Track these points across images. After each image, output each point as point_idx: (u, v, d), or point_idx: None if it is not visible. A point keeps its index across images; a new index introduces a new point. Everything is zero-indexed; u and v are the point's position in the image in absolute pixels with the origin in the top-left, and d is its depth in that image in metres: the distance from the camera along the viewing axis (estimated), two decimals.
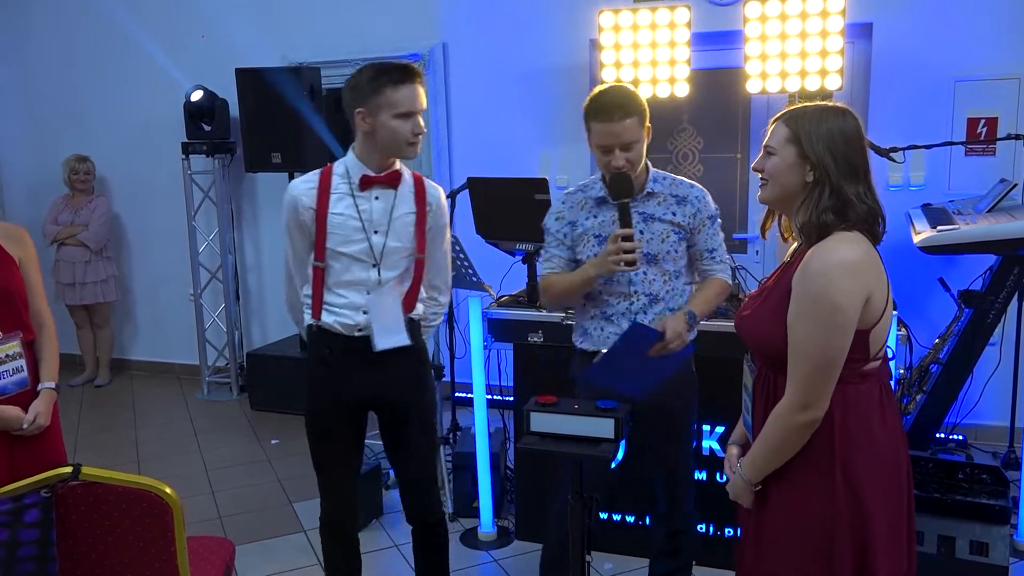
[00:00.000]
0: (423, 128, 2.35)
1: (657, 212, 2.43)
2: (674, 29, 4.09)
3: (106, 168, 5.93)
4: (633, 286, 2.44)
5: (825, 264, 1.67)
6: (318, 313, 2.43)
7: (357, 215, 2.37)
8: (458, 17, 4.99)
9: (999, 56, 4.05)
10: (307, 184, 2.40)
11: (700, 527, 3.16)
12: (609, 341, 2.47)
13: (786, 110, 1.84)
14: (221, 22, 5.45)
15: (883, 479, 1.74)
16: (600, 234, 2.44)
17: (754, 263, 4.58)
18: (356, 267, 2.38)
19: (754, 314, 1.83)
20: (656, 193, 2.44)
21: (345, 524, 2.62)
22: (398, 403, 2.50)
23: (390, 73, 2.29)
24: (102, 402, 5.63)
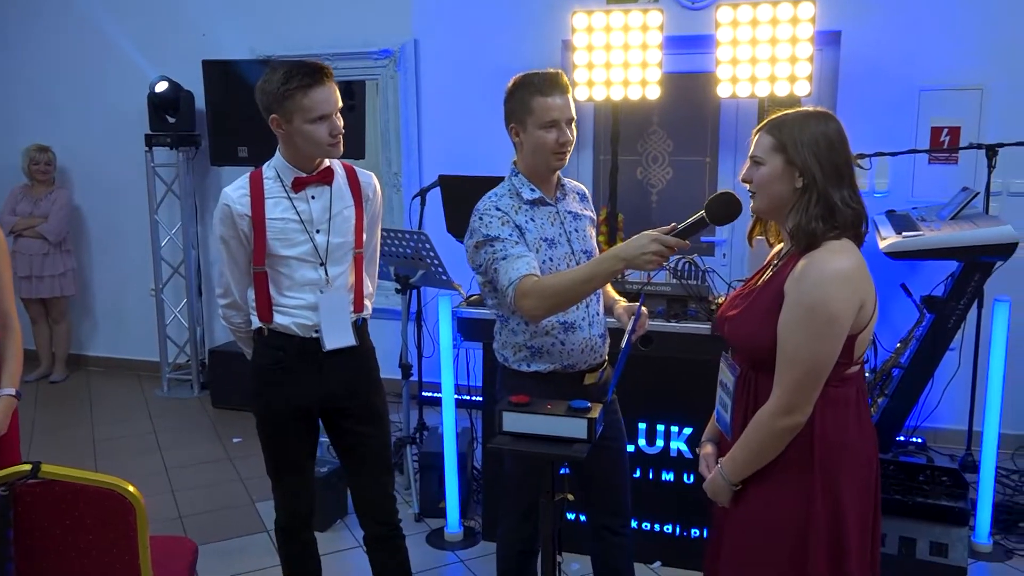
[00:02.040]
0: (340, 128, 2.31)
1: (575, 208, 2.40)
2: (646, 32, 4.10)
3: (67, 159, 5.80)
4: None
5: (821, 275, 1.68)
6: (268, 316, 2.39)
7: (297, 216, 2.34)
8: (430, 14, 4.96)
9: (963, 67, 4.13)
10: (239, 191, 2.35)
11: (667, 527, 3.18)
12: (573, 355, 2.35)
13: (769, 119, 1.84)
14: (189, 13, 5.36)
15: (858, 479, 1.77)
16: (546, 237, 2.30)
17: (721, 266, 4.62)
18: (304, 268, 2.36)
19: (741, 315, 1.84)
20: (568, 191, 2.42)
21: (302, 527, 2.58)
22: (351, 404, 2.48)
23: (299, 77, 2.22)
24: (58, 399, 5.50)
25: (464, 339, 3.35)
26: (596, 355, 2.43)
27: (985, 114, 4.13)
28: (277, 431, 2.47)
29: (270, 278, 2.37)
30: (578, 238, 2.37)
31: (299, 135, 2.28)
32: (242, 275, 2.42)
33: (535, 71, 2.31)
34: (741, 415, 1.84)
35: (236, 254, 2.38)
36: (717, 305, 3.11)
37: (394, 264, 3.74)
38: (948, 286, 3.40)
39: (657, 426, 3.13)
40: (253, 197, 2.33)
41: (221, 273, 2.46)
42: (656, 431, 3.14)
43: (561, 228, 2.34)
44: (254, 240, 2.33)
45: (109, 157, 5.75)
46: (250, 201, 2.33)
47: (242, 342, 2.57)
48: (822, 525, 1.72)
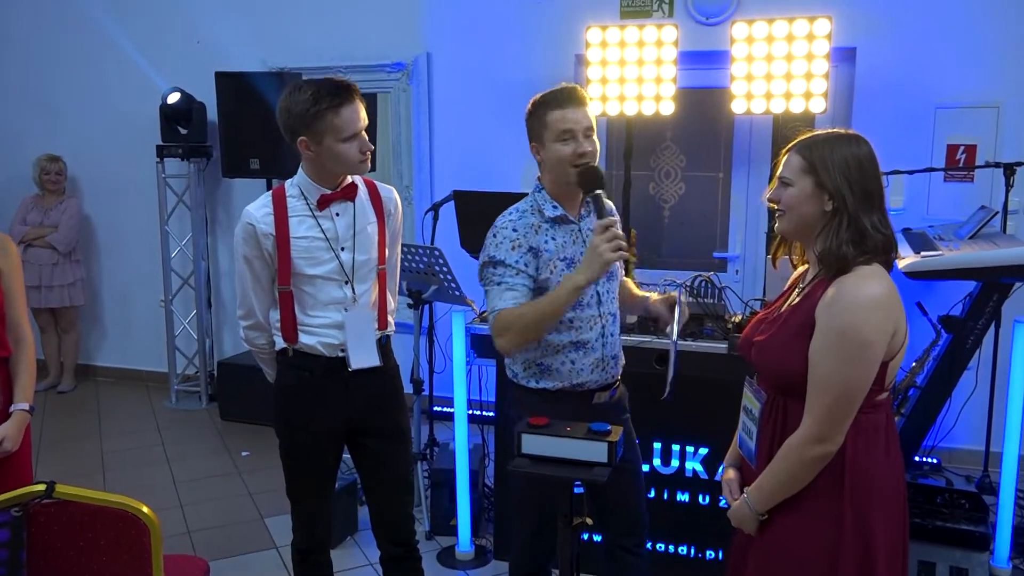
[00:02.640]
0: (369, 144, 2.30)
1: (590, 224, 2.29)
2: (661, 47, 4.08)
3: (78, 169, 5.80)
4: (602, 306, 2.33)
5: (855, 301, 1.66)
6: (294, 336, 2.36)
7: (322, 234, 2.31)
8: (443, 27, 4.96)
9: (979, 84, 4.11)
10: (263, 210, 2.31)
11: (682, 549, 3.14)
12: (583, 374, 2.32)
13: (799, 139, 1.81)
14: (203, 25, 5.37)
15: (888, 507, 1.74)
16: (565, 256, 2.26)
17: (734, 282, 4.59)
18: (330, 286, 2.34)
19: (770, 340, 1.81)
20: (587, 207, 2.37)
21: (319, 549, 2.56)
22: (376, 423, 2.45)
23: (328, 98, 2.20)
24: (66, 409, 5.48)
25: (477, 355, 3.33)
26: (608, 375, 2.40)
27: (1001, 132, 4.11)
28: (302, 453, 2.43)
29: (295, 297, 2.34)
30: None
31: (329, 155, 2.25)
32: (265, 295, 2.38)
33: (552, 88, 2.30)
34: (768, 442, 1.81)
35: (260, 274, 2.34)
36: (734, 324, 3.08)
37: (407, 279, 3.72)
38: (966, 306, 3.37)
39: (672, 446, 3.10)
40: (277, 215, 2.30)
41: (244, 294, 2.39)
42: (671, 451, 3.10)
43: (583, 247, 2.27)
44: (278, 259, 2.30)
45: (120, 167, 5.75)
46: (274, 220, 2.29)
47: (264, 363, 2.53)
48: (851, 555, 1.69)
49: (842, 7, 4.10)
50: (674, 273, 3.66)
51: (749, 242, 4.69)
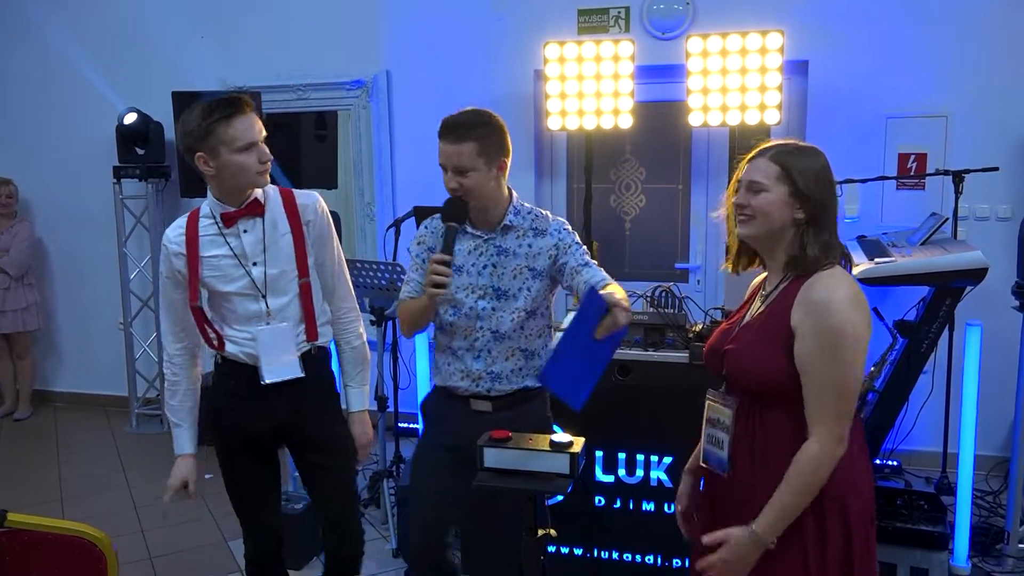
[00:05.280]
0: (268, 155, 2.32)
1: (512, 246, 2.36)
2: (618, 62, 4.14)
3: (31, 191, 5.70)
4: (480, 321, 2.36)
5: (838, 301, 1.69)
6: (222, 345, 2.41)
7: (231, 252, 2.35)
8: (402, 45, 4.97)
9: (928, 95, 4.22)
10: (176, 231, 2.38)
11: (648, 558, 3.15)
12: (454, 379, 2.41)
13: (765, 146, 1.84)
14: (158, 43, 5.32)
15: (864, 508, 1.78)
16: (457, 264, 2.36)
17: (695, 292, 4.64)
18: (245, 301, 2.37)
19: (744, 349, 1.81)
20: (515, 227, 2.37)
21: (272, 561, 2.57)
22: (310, 435, 2.48)
23: (219, 109, 2.24)
24: (22, 437, 5.35)
25: None
26: (479, 387, 2.40)
27: (950, 141, 4.22)
28: (232, 461, 2.50)
29: (219, 313, 2.41)
30: (495, 274, 2.35)
31: (227, 168, 2.26)
32: (176, 314, 2.43)
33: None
34: (747, 451, 1.81)
35: (171, 293, 2.41)
36: (695, 333, 3.11)
37: (369, 296, 3.71)
38: (920, 311, 3.44)
39: (636, 456, 3.11)
40: (188, 236, 2.35)
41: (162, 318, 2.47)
42: (636, 461, 3.11)
43: (477, 260, 2.36)
44: (188, 277, 2.35)
45: (75, 189, 5.66)
46: (185, 240, 2.35)
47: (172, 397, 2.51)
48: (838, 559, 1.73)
49: (794, 21, 4.19)
50: (636, 284, 3.69)
51: (709, 253, 4.75)
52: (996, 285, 3.48)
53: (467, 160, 2.23)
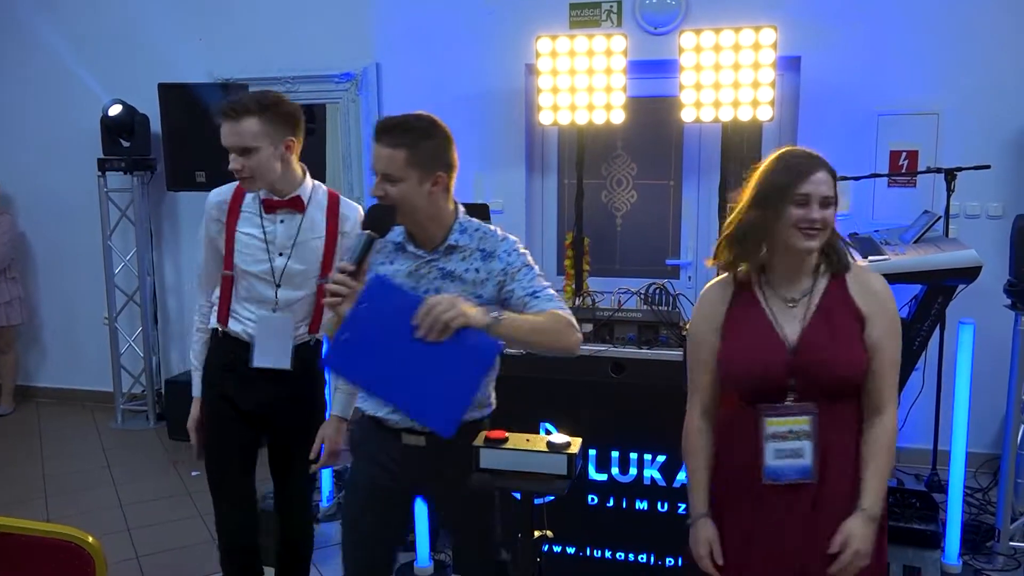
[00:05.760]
0: (240, 164, 2.35)
1: (458, 269, 2.09)
2: (610, 56, 4.11)
3: (14, 184, 5.61)
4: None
5: (889, 289, 1.90)
6: (225, 320, 2.51)
7: (263, 237, 2.44)
8: (392, 37, 4.92)
9: (919, 92, 4.22)
10: (220, 197, 2.50)
11: (642, 557, 3.14)
12: (381, 409, 2.14)
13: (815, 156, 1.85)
14: (145, 34, 5.24)
15: None
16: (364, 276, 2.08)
17: (687, 288, 4.62)
18: (260, 285, 2.46)
19: (828, 349, 1.83)
20: (460, 247, 2.11)
21: (247, 549, 2.63)
22: (283, 421, 2.56)
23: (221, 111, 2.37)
24: (5, 432, 5.28)
25: None
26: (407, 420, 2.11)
27: (942, 138, 4.22)
28: (220, 430, 2.55)
29: (234, 285, 2.49)
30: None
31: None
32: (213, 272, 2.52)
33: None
34: (833, 452, 1.85)
35: (207, 251, 2.52)
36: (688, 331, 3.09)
37: None
38: (912, 308, 3.44)
39: (630, 454, 3.09)
40: (231, 207, 2.47)
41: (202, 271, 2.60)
42: (629, 459, 3.10)
43: (418, 282, 2.09)
44: (224, 247, 2.46)
45: (59, 182, 5.57)
46: (227, 210, 2.47)
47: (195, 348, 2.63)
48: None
49: (787, 17, 4.17)
50: (627, 281, 3.67)
51: (701, 249, 4.74)
52: (986, 283, 3.48)
53: (396, 168, 2.00)
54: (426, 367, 1.78)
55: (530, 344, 2.03)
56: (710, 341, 1.94)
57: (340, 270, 1.97)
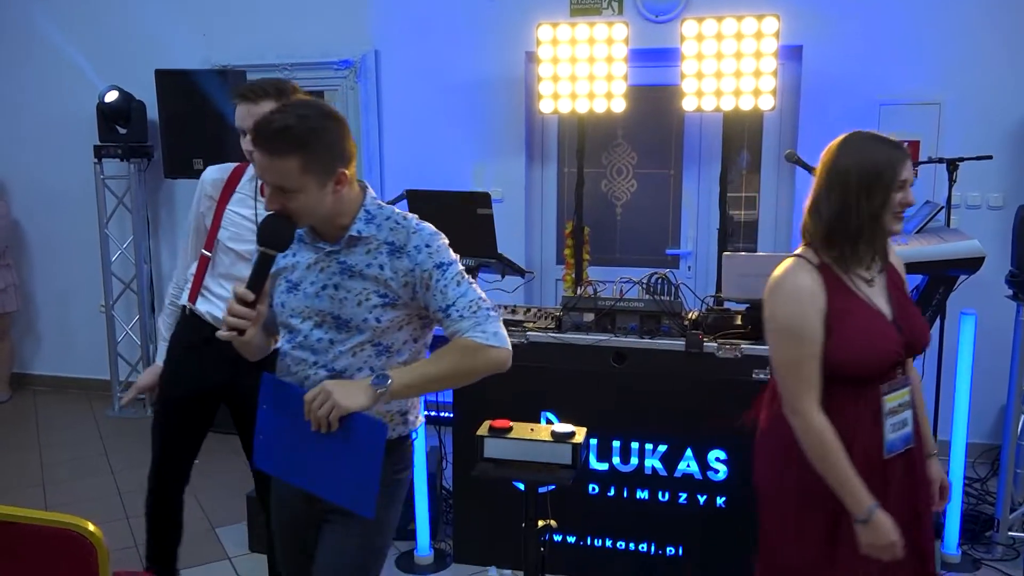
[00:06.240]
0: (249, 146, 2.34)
1: (360, 264, 1.83)
2: (611, 45, 4.09)
3: (8, 171, 5.57)
4: (314, 354, 1.85)
5: None
6: (194, 298, 2.57)
7: (254, 219, 2.45)
8: (391, 24, 4.88)
9: (921, 82, 4.21)
10: (217, 175, 2.54)
11: (642, 546, 3.14)
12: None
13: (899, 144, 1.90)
14: (142, 21, 5.19)
15: None
16: (291, 279, 1.89)
17: (687, 278, 4.62)
18: (241, 264, 2.47)
19: (918, 316, 1.99)
20: (365, 238, 1.83)
21: (173, 495, 2.78)
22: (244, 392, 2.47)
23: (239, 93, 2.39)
24: (2, 420, 5.25)
25: None
26: None
27: (943, 128, 4.21)
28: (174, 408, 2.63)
29: (211, 263, 2.54)
30: (335, 298, 1.83)
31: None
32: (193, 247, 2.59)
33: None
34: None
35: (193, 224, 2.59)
36: (690, 321, 3.09)
37: None
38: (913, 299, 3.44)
39: (631, 444, 3.09)
40: (226, 187, 2.50)
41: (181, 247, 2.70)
42: (630, 449, 3.10)
43: (316, 277, 1.86)
44: (210, 225, 2.51)
45: (54, 169, 5.53)
46: (222, 188, 2.50)
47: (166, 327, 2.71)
48: None
49: (789, 5, 4.15)
50: (627, 270, 3.67)
51: (701, 239, 4.73)
52: (987, 274, 3.48)
53: (290, 180, 1.72)
54: (330, 454, 1.74)
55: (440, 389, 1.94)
56: (820, 333, 1.87)
57: (239, 299, 1.75)
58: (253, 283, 1.77)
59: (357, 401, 1.70)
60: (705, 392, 2.98)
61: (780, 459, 1.95)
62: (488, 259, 3.21)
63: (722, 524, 3.03)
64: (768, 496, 2.01)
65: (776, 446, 1.97)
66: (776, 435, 1.96)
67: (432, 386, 1.85)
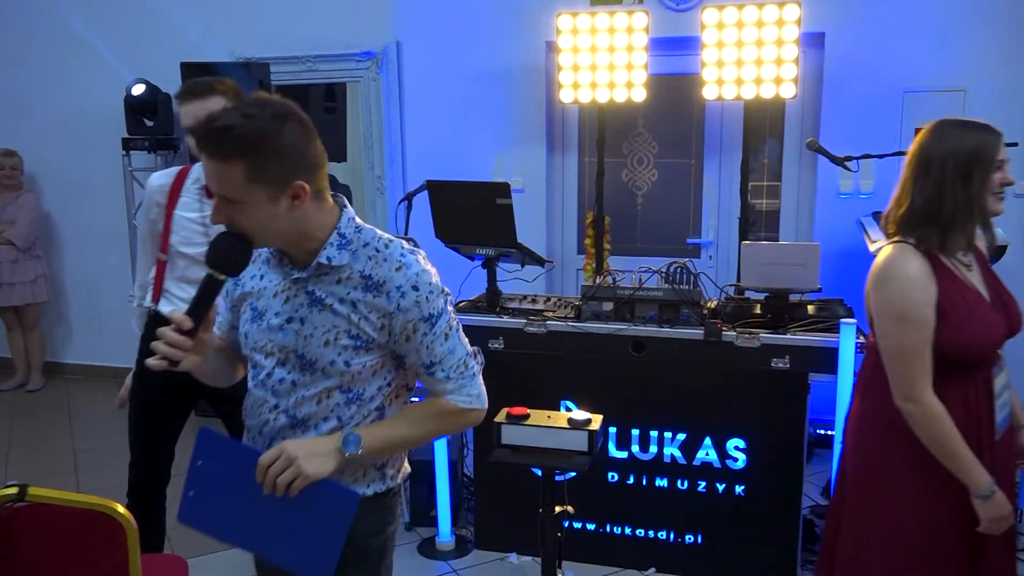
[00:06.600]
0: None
1: (330, 297, 1.57)
2: (631, 34, 4.08)
3: (39, 163, 5.68)
4: (279, 398, 1.62)
5: None
6: (157, 298, 2.65)
7: (201, 221, 2.54)
8: (413, 15, 4.91)
9: (946, 69, 4.16)
10: (162, 180, 2.62)
11: (661, 534, 3.16)
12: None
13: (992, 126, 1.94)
14: (167, 15, 5.27)
15: None
16: (256, 306, 1.65)
17: (708, 268, 4.62)
18: (196, 267, 2.52)
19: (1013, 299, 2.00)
20: (338, 267, 1.57)
21: (154, 492, 2.83)
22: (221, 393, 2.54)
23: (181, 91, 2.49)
24: (35, 408, 5.38)
25: None
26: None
27: (968, 115, 4.13)
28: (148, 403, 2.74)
29: (168, 266, 2.63)
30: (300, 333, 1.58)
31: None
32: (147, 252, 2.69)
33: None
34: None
35: (144, 232, 2.70)
36: (709, 310, 3.09)
37: None
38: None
39: (650, 432, 3.11)
40: (172, 190, 2.59)
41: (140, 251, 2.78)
42: (649, 437, 3.12)
43: (282, 307, 1.61)
44: (162, 229, 2.59)
45: (83, 161, 5.63)
46: (168, 192, 2.59)
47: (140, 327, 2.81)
48: None
49: None
50: (648, 260, 3.67)
51: (722, 228, 4.72)
52: (1010, 263, 3.45)
53: (234, 190, 1.47)
54: (285, 519, 1.52)
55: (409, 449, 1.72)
56: (933, 319, 1.88)
57: (176, 326, 1.52)
58: (194, 308, 1.54)
59: (325, 468, 1.50)
60: (724, 381, 3.00)
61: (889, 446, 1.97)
62: (507, 249, 3.24)
63: (741, 512, 3.04)
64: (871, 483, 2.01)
65: (878, 434, 1.99)
66: (878, 423, 1.99)
67: (403, 448, 1.68)
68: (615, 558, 3.21)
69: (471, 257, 3.43)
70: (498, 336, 3.17)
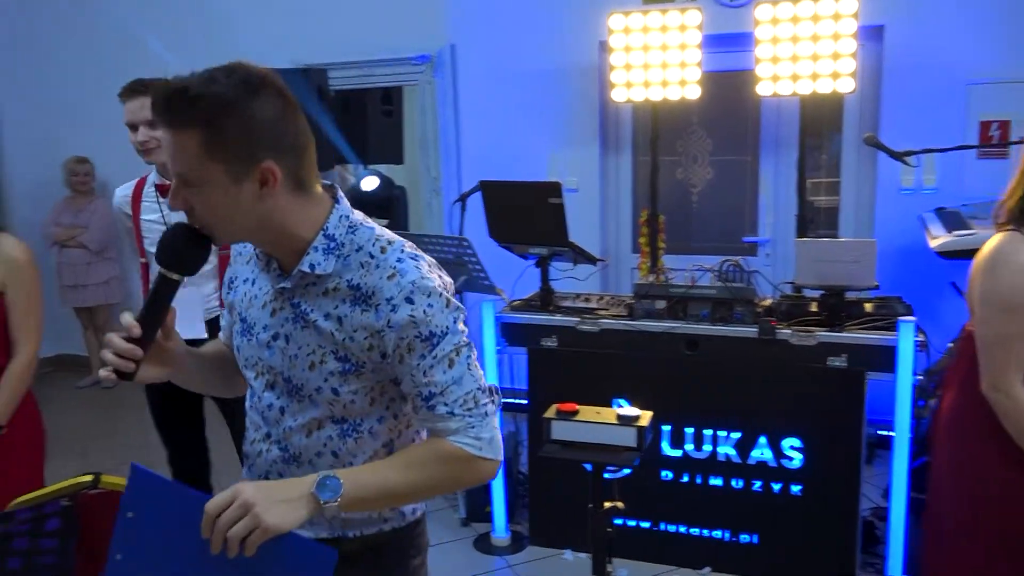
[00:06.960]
0: (147, 139, 2.72)
1: (314, 312, 1.34)
2: (685, 31, 4.06)
3: (108, 170, 5.91)
4: (272, 427, 1.42)
5: None
6: None
7: (162, 219, 2.71)
8: (466, 18, 4.97)
9: (1011, 59, 4.03)
10: (124, 192, 2.84)
11: (716, 533, 3.15)
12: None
13: None
14: (228, 24, 5.43)
15: None
16: (246, 317, 1.45)
17: (764, 266, 4.56)
18: None
19: None
20: (325, 277, 1.33)
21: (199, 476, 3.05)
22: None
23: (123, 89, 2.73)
24: (110, 403, 5.60)
25: (508, 344, 3.36)
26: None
27: None
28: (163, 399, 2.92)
29: (148, 270, 2.78)
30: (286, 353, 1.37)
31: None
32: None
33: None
34: None
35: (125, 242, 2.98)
36: (764, 308, 3.07)
37: None
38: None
39: (704, 431, 3.11)
40: (133, 198, 2.79)
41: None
42: (703, 436, 3.11)
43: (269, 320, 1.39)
44: (134, 235, 2.77)
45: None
46: (131, 201, 2.79)
47: None
48: None
49: None
50: (703, 258, 3.66)
51: (779, 226, 4.66)
52: None
53: (189, 164, 1.25)
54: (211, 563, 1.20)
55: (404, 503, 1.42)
56: None
57: (126, 333, 1.31)
58: (145, 313, 1.34)
59: (290, 519, 1.19)
60: (779, 379, 2.97)
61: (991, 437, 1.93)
62: (560, 247, 3.27)
63: (798, 513, 3.01)
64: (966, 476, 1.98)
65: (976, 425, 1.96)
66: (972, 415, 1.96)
67: (396, 501, 1.36)
68: (669, 556, 3.21)
69: (524, 256, 3.46)
70: (551, 334, 3.20)
